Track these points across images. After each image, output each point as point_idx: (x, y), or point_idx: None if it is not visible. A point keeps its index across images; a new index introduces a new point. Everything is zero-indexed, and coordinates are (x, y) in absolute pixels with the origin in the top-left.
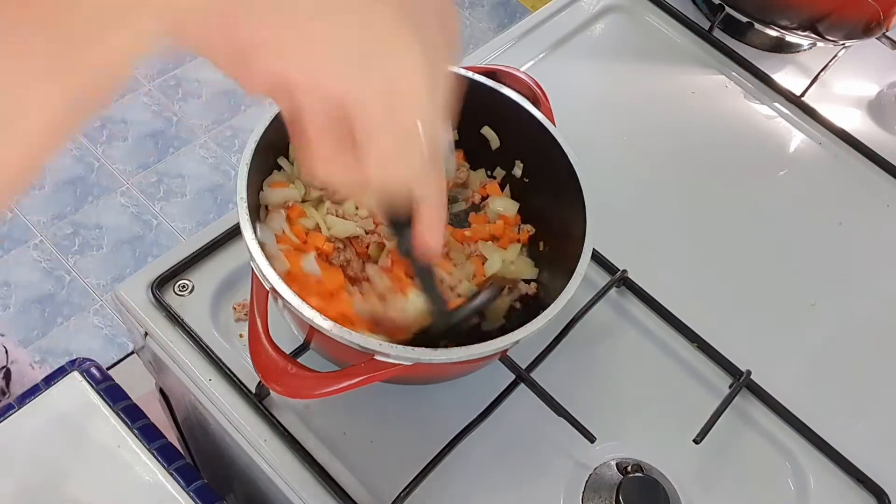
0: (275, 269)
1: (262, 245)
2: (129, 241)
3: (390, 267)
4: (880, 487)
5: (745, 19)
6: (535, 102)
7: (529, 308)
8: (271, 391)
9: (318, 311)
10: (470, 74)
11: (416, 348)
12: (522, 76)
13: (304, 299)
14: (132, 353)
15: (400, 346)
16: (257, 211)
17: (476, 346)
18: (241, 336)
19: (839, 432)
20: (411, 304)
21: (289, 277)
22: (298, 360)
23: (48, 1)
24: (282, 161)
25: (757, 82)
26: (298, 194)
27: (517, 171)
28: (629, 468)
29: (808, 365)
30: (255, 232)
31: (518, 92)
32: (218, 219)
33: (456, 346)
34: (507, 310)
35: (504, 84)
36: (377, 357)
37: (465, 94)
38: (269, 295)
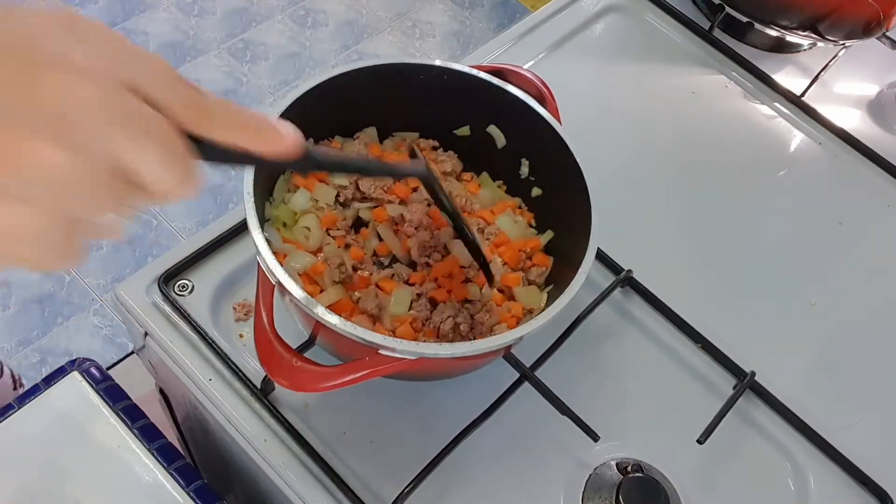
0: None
1: (268, 240)
2: (129, 241)
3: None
4: (883, 489)
5: (745, 19)
6: (542, 101)
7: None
8: (276, 385)
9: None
10: (476, 73)
11: (420, 343)
12: (529, 75)
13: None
14: (132, 353)
15: (404, 341)
16: (263, 207)
17: (480, 341)
18: (241, 336)
19: (841, 433)
20: (395, 303)
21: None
22: (304, 355)
23: None
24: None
25: (757, 82)
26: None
27: (524, 169)
28: (629, 468)
29: (808, 365)
30: (261, 227)
31: (524, 91)
32: (218, 219)
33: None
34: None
35: (510, 83)
36: (382, 351)
37: (471, 92)
38: (275, 290)
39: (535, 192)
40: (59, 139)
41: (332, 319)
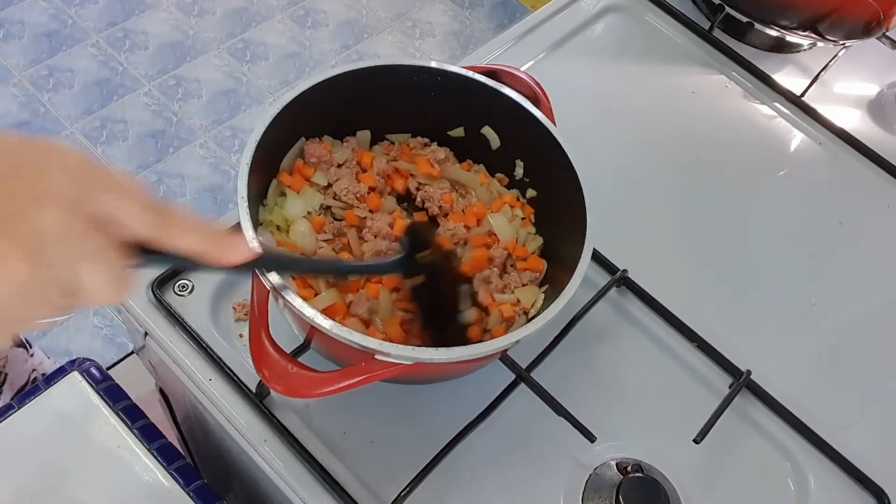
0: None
1: (262, 245)
2: None
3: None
4: (880, 487)
5: (745, 19)
6: (536, 102)
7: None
8: (272, 391)
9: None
10: (470, 74)
11: (416, 347)
12: (523, 76)
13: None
14: (132, 353)
15: (400, 346)
16: (258, 211)
17: (476, 345)
18: (241, 336)
19: (839, 432)
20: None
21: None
22: (299, 359)
23: None
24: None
25: (757, 82)
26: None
27: (518, 170)
28: (629, 468)
29: (808, 365)
30: (255, 231)
31: (519, 92)
32: (218, 219)
33: (457, 345)
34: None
35: (505, 84)
36: (377, 356)
37: (465, 93)
38: (270, 294)
39: (530, 193)
40: (30, 256)
41: (327, 325)
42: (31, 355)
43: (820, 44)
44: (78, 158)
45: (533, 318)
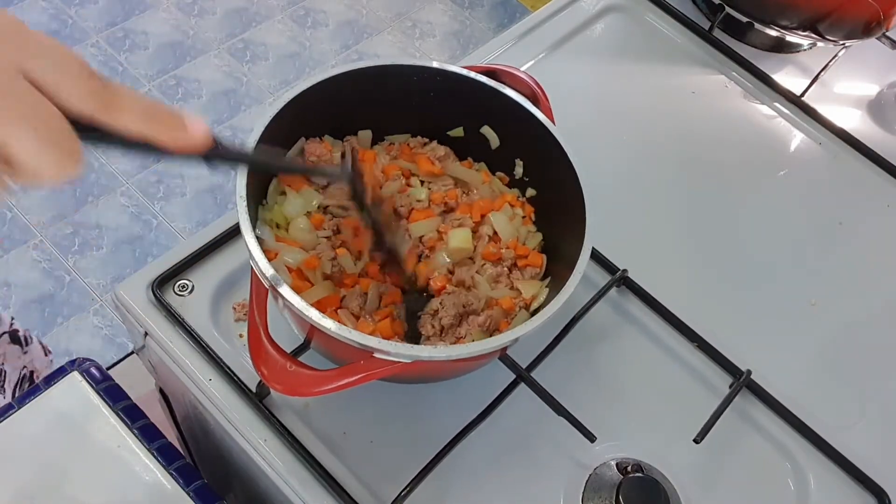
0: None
1: (261, 244)
2: (129, 241)
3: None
4: (880, 487)
5: (745, 19)
6: (535, 102)
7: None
8: (271, 390)
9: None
10: (470, 74)
11: (414, 346)
12: (522, 76)
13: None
14: (132, 353)
15: (399, 344)
16: (257, 210)
17: (475, 343)
18: (241, 336)
19: (839, 432)
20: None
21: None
22: (299, 358)
23: None
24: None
25: (757, 82)
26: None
27: (518, 170)
28: (629, 468)
29: (808, 365)
30: (254, 231)
31: (518, 91)
32: (218, 219)
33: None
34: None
35: (504, 83)
36: (376, 355)
37: (465, 93)
38: (269, 294)
39: (530, 192)
40: None
41: (327, 324)
42: (25, 353)
43: (820, 44)
44: (12, 19)
45: (535, 310)
